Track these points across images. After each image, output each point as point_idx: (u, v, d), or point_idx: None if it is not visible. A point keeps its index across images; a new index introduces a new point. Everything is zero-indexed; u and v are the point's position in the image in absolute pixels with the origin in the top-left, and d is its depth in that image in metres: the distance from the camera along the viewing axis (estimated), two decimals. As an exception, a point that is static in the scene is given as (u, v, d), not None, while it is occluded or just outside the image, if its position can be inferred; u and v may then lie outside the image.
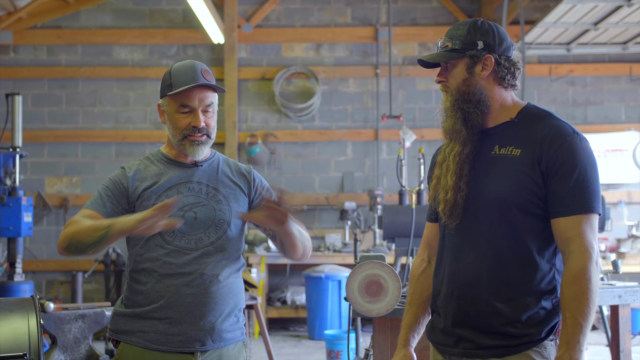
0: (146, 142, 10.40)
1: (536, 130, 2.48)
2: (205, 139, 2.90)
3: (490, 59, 2.53)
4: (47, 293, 10.22)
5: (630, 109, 10.53)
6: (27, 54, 10.52)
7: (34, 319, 3.17)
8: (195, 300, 2.79)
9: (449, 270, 2.57)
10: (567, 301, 2.36)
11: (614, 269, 5.22)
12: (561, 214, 2.41)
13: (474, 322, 2.49)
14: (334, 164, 10.49)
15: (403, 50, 10.58)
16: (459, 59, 2.54)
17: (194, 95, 2.85)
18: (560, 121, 2.51)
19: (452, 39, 2.56)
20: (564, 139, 2.43)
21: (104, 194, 2.91)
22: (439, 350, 2.63)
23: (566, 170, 2.40)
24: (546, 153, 2.43)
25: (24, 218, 7.46)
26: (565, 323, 2.36)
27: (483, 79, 2.54)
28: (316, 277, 9.04)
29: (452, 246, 2.58)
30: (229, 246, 2.89)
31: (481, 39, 2.53)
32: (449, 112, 2.56)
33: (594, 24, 8.75)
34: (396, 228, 6.56)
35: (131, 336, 2.83)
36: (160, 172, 2.92)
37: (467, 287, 2.50)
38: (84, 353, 4.81)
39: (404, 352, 2.76)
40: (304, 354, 8.28)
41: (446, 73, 2.59)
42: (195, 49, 10.57)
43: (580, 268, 2.36)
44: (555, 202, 2.42)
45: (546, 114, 2.54)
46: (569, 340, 2.34)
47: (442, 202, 2.57)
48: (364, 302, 3.62)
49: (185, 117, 2.87)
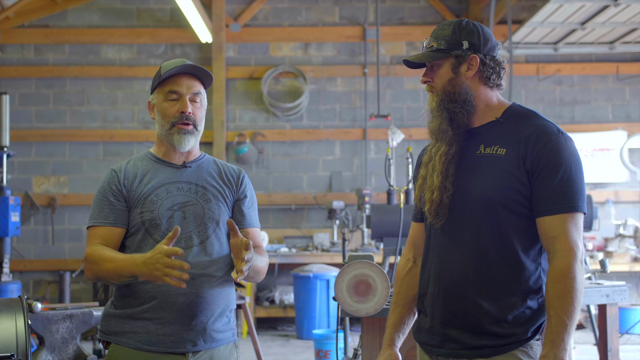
0: (134, 141, 10.38)
1: (521, 129, 2.49)
2: (192, 129, 2.91)
3: (476, 58, 2.53)
4: (35, 293, 10.18)
5: (617, 109, 10.58)
6: (15, 53, 10.48)
7: (21, 319, 3.16)
8: (186, 301, 2.78)
9: (435, 269, 2.57)
10: (552, 300, 2.36)
11: (601, 268, 5.24)
12: (546, 212, 2.41)
13: (460, 321, 2.50)
14: (322, 163, 10.49)
15: (391, 49, 10.60)
16: (444, 59, 2.55)
17: (182, 81, 2.90)
18: (545, 120, 2.51)
19: (437, 39, 2.57)
20: (549, 138, 2.44)
21: (104, 205, 2.88)
22: (425, 350, 2.63)
23: (551, 170, 2.41)
24: (531, 152, 2.43)
25: (12, 217, 7.44)
26: (550, 322, 2.36)
27: (468, 78, 2.55)
28: (304, 277, 9.04)
29: (437, 246, 2.58)
30: (218, 245, 2.88)
31: (466, 39, 2.54)
32: (435, 112, 2.57)
33: (581, 24, 8.79)
34: (384, 227, 6.57)
35: (122, 337, 2.82)
36: (148, 171, 2.92)
37: (453, 286, 2.51)
38: (72, 353, 4.79)
39: (389, 351, 2.76)
40: (292, 354, 8.28)
41: (432, 73, 2.59)
42: (183, 48, 10.55)
43: (565, 267, 2.36)
44: (540, 201, 2.42)
45: (531, 114, 2.55)
46: (554, 339, 2.34)
47: (428, 202, 2.58)
48: (353, 301, 3.63)
49: (173, 105, 2.90)
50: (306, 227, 10.37)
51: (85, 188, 10.30)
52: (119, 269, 2.70)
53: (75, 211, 10.29)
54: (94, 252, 2.78)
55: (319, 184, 10.47)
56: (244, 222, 3.00)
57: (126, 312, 2.82)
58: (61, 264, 10.09)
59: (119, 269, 2.70)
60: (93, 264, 2.77)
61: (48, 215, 10.26)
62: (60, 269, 9.86)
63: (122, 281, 2.73)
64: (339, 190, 10.40)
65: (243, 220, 3.00)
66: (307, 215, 10.42)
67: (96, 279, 2.81)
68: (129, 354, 2.79)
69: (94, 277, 2.80)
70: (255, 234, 3.03)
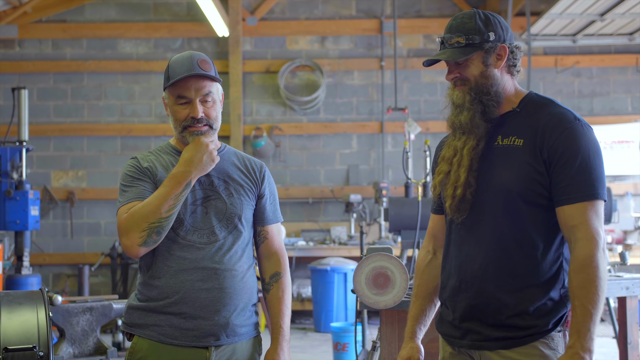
0: (151, 135, 10.41)
1: (538, 118, 2.47)
2: (207, 130, 2.85)
3: (505, 48, 2.52)
4: (54, 286, 10.25)
5: (637, 100, 10.49)
6: (33, 48, 10.53)
7: (42, 312, 3.18)
8: (210, 296, 2.78)
9: (456, 263, 2.57)
10: (576, 290, 2.33)
11: (621, 261, 5.21)
12: (565, 202, 2.38)
13: (481, 314, 2.49)
14: (339, 156, 10.48)
15: (408, 42, 10.56)
16: (474, 53, 2.51)
17: (190, 85, 2.82)
18: (561, 108, 2.49)
19: (464, 34, 2.51)
20: (565, 126, 2.41)
21: (134, 185, 2.82)
22: (447, 342, 2.63)
23: (568, 158, 2.38)
24: (547, 141, 2.41)
25: (31, 211, 7.49)
26: (574, 312, 2.34)
27: (498, 69, 2.53)
28: (322, 270, 9.04)
29: (458, 240, 2.57)
30: (241, 240, 2.88)
31: (492, 30, 2.51)
32: (468, 105, 2.52)
33: (600, 15, 8.73)
34: (402, 220, 6.56)
35: (145, 329, 2.82)
36: (171, 164, 2.89)
37: (473, 280, 2.50)
38: (92, 345, 4.82)
39: (411, 344, 2.76)
40: (310, 347, 8.30)
41: (459, 68, 2.54)
42: (199, 42, 10.57)
43: (587, 256, 2.33)
44: (559, 190, 2.39)
45: (547, 102, 2.53)
46: (580, 329, 2.31)
47: (450, 198, 2.55)
48: (372, 294, 3.63)
49: (184, 109, 2.83)
50: (323, 220, 10.37)
51: (103, 182, 10.35)
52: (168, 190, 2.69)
53: (93, 205, 10.34)
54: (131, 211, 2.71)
55: (336, 177, 10.47)
56: (265, 220, 3.00)
57: (149, 306, 2.82)
58: (80, 258, 10.15)
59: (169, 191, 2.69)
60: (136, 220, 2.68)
61: (67, 209, 10.32)
62: (79, 263, 9.92)
63: (180, 198, 2.69)
64: (356, 184, 10.39)
65: (264, 217, 3.00)
66: (325, 209, 10.42)
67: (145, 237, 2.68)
68: (152, 346, 2.80)
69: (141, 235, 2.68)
70: (275, 233, 3.03)
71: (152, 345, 2.80)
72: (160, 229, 2.70)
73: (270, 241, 3.02)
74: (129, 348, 2.87)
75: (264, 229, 3.00)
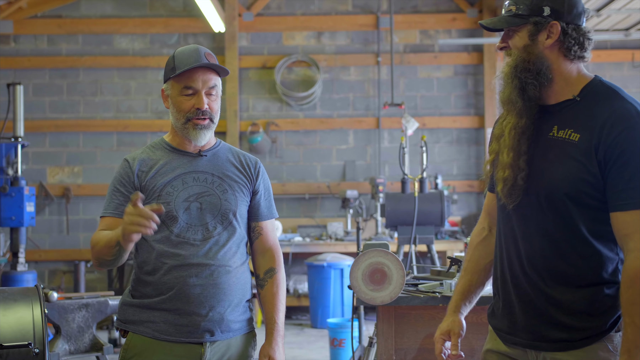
0: (147, 131, 10.39)
1: (598, 112, 2.29)
2: (209, 123, 2.87)
3: (557, 26, 2.34)
4: (50, 283, 10.23)
5: (633, 96, 10.46)
6: (28, 43, 10.50)
7: (38, 309, 3.17)
8: (204, 292, 2.79)
9: (506, 256, 2.45)
10: (626, 305, 2.18)
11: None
12: (618, 208, 2.22)
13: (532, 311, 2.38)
14: (335, 152, 10.48)
15: (404, 37, 10.55)
16: (522, 25, 2.36)
17: (198, 76, 2.83)
18: (625, 102, 2.31)
19: (517, 3, 2.36)
20: (625, 125, 2.24)
21: (115, 196, 2.87)
22: (499, 336, 2.51)
23: (625, 160, 2.21)
24: (604, 141, 2.23)
25: (27, 208, 7.47)
26: (625, 329, 2.19)
27: (547, 48, 2.36)
28: (318, 266, 9.04)
29: (508, 230, 2.44)
30: (235, 236, 2.88)
31: (548, 5, 2.33)
32: (507, 79, 2.38)
33: (596, 11, 8.72)
34: (399, 216, 6.55)
35: (139, 326, 2.82)
36: (164, 161, 2.89)
37: (522, 275, 2.39)
38: (88, 342, 4.82)
39: (452, 317, 2.63)
40: (307, 342, 8.29)
41: (508, 38, 2.40)
42: (196, 38, 10.55)
43: (637, 270, 2.16)
44: (613, 195, 2.23)
45: (611, 93, 2.35)
46: (630, 348, 2.17)
47: (501, 181, 2.40)
48: (368, 290, 3.62)
49: (189, 99, 2.84)
50: (320, 216, 10.37)
51: (99, 178, 10.33)
52: (107, 241, 2.70)
53: (89, 201, 10.32)
54: (94, 237, 2.80)
55: (333, 173, 10.46)
56: (260, 216, 3.01)
57: (143, 302, 2.82)
58: (76, 254, 10.13)
59: (109, 240, 2.69)
60: (93, 248, 2.79)
61: (62, 205, 10.30)
62: (75, 259, 9.89)
63: (114, 254, 2.70)
64: (352, 180, 10.39)
65: (259, 213, 3.00)
66: (321, 205, 10.41)
67: (98, 264, 2.81)
68: (147, 342, 2.80)
69: (96, 261, 2.81)
70: (269, 229, 3.05)
71: (146, 342, 2.80)
72: (111, 264, 2.79)
73: (265, 237, 3.02)
74: (123, 345, 2.87)
75: (258, 225, 3.00)
